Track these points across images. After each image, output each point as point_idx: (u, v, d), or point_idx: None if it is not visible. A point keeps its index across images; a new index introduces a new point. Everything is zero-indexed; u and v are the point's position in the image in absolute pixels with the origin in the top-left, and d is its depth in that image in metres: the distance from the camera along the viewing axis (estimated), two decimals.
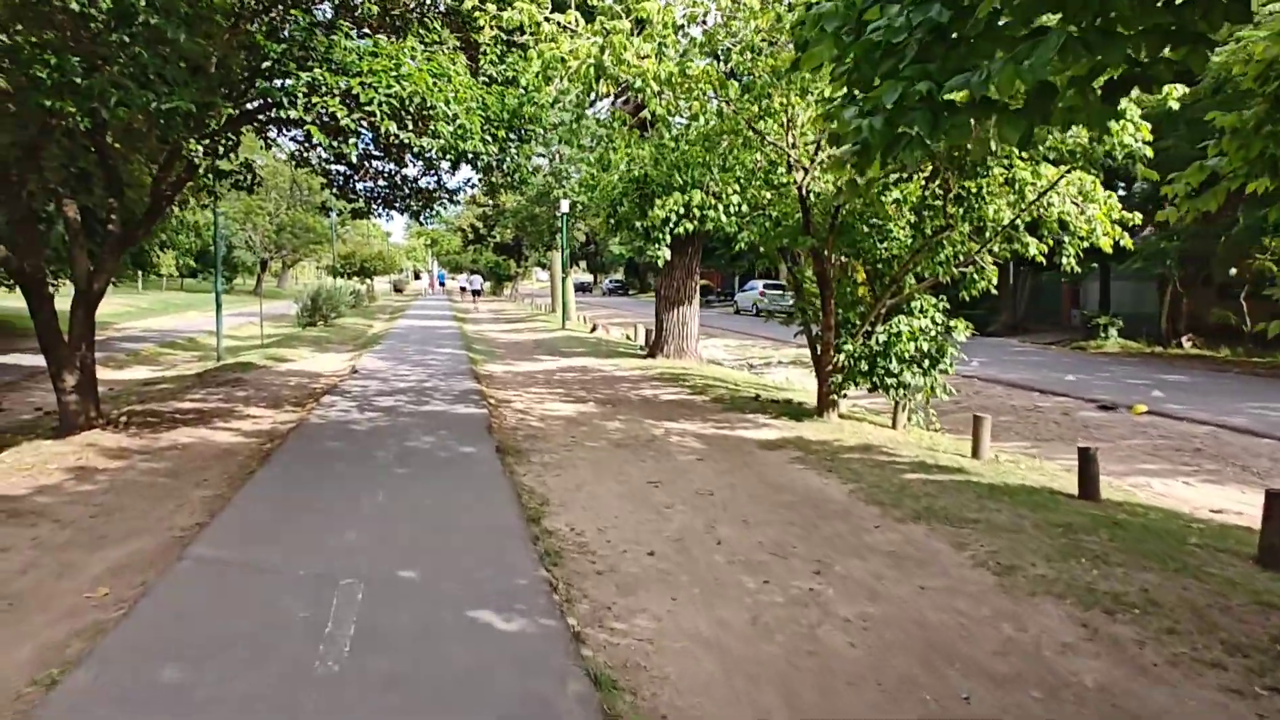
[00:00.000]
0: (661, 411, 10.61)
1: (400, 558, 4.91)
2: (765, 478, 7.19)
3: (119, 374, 17.78)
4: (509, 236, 50.92)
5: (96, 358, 18.91)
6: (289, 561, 4.82)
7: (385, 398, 11.11)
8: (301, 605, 4.20)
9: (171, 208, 21.03)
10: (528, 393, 12.27)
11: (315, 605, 4.20)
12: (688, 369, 15.18)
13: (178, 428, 9.33)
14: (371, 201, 12.75)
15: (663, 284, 16.72)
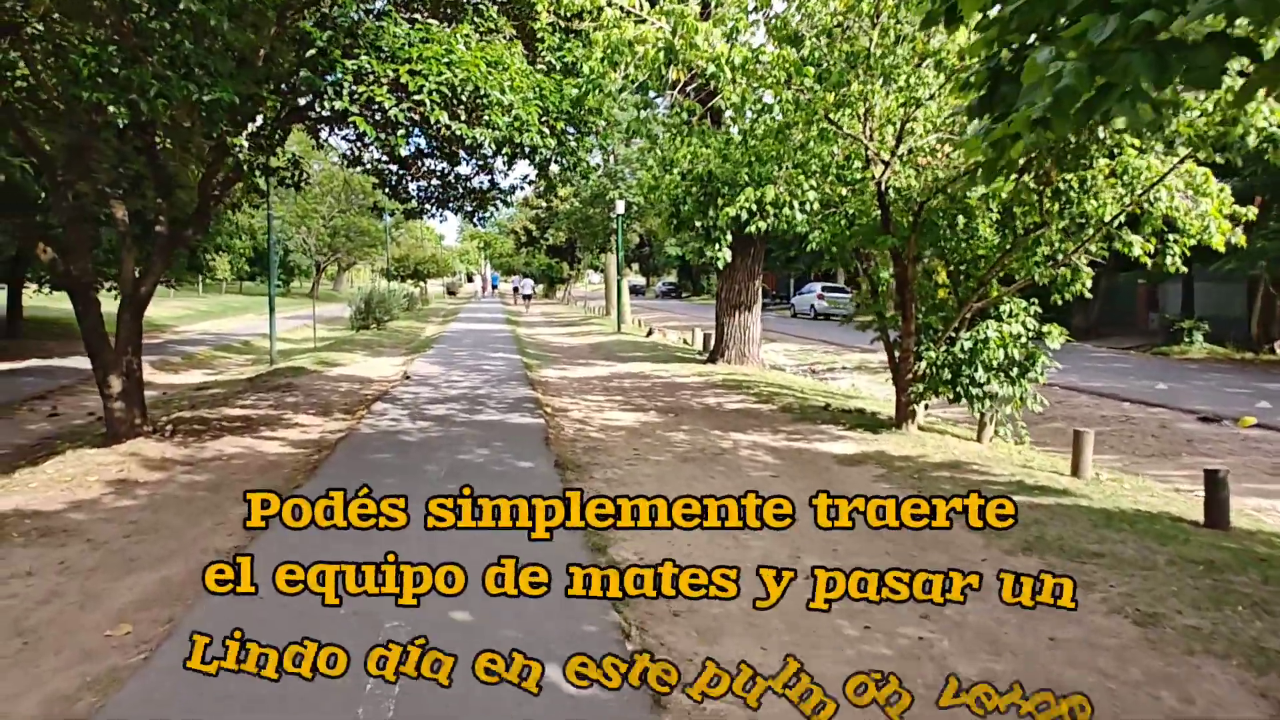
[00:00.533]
0: (728, 421, 9.99)
1: (453, 597, 4.38)
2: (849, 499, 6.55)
3: (173, 378, 17.70)
4: (562, 239, 50.67)
5: (151, 361, 18.83)
6: (330, 598, 4.31)
7: (437, 405, 10.66)
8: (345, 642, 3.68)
9: (224, 210, 21.04)
10: (585, 400, 11.75)
11: (357, 639, 3.68)
12: (750, 375, 14.53)
13: (224, 436, 8.97)
14: (424, 202, 12.36)
15: (723, 287, 16.10)
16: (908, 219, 9.26)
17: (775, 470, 7.48)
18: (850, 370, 18.07)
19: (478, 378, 13.48)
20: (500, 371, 14.51)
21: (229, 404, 11.49)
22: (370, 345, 20.87)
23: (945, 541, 5.49)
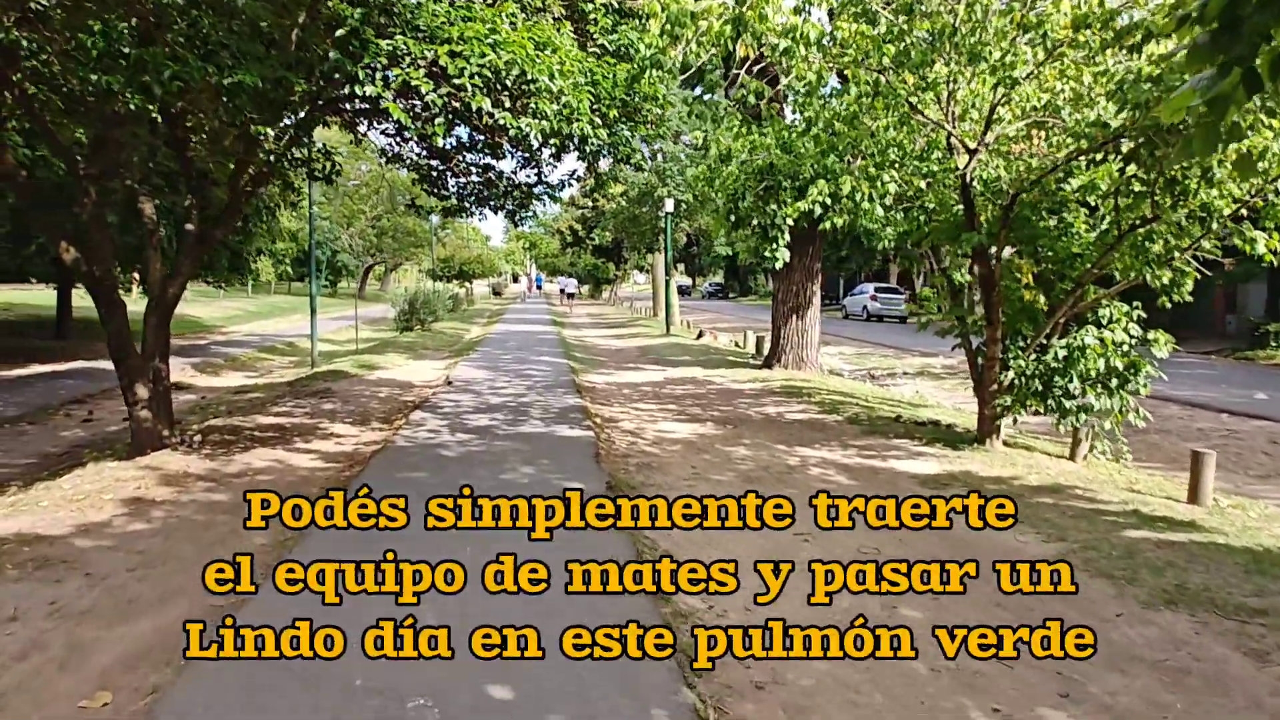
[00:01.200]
0: (792, 435, 9.21)
1: (490, 665, 3.68)
2: (941, 531, 5.74)
3: (214, 380, 17.35)
4: (609, 239, 50.07)
5: (194, 363, 18.51)
6: (348, 662, 3.64)
7: (479, 415, 10.02)
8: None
9: (263, 212, 20.73)
10: (636, 409, 11.04)
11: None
12: (810, 382, 13.70)
13: (254, 448, 8.41)
14: (465, 199, 11.76)
15: (780, 288, 15.28)
16: (996, 214, 8.41)
17: (850, 494, 6.68)
18: (912, 376, 17.13)
19: (522, 384, 12.83)
20: (546, 377, 13.85)
21: (264, 410, 10.97)
22: (413, 348, 20.39)
23: (1069, 596, 4.66)
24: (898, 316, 35.94)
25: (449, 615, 4.13)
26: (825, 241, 35.59)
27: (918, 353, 20.99)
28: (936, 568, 4.92)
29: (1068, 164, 7.67)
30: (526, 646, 3.75)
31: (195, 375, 17.82)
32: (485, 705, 3.29)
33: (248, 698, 3.31)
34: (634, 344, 22.13)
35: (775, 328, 15.37)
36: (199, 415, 11.19)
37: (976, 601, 4.51)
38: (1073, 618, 4.28)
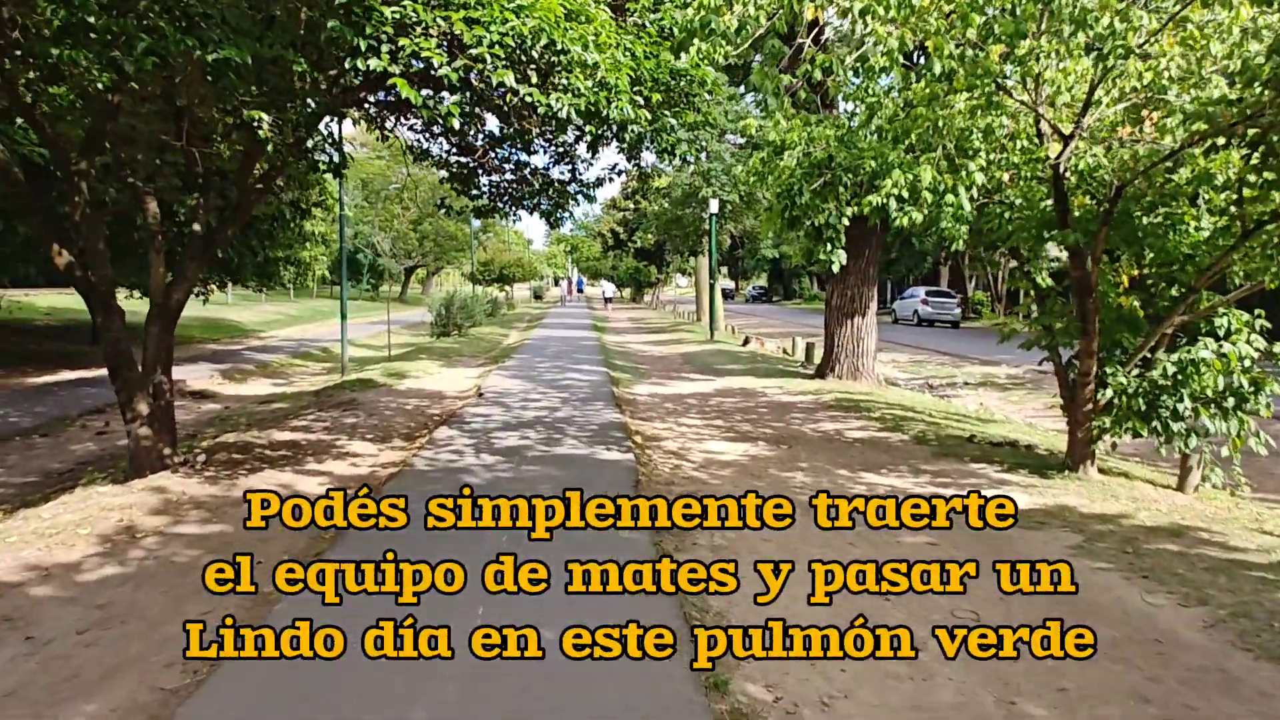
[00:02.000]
0: (854, 457, 8.24)
1: None
2: (1058, 595, 4.75)
3: (239, 388, 16.78)
4: (650, 241, 49.23)
5: (222, 369, 17.94)
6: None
7: (510, 433, 9.18)
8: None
9: (295, 212, 20.16)
10: (681, 425, 10.13)
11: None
12: (867, 394, 12.68)
13: (262, 470, 7.65)
14: (497, 199, 10.96)
15: (834, 292, 14.28)
16: (1091, 209, 7.38)
17: (930, 534, 5.72)
18: (974, 386, 16.00)
19: (558, 396, 11.98)
20: (583, 388, 13.00)
21: (282, 424, 10.26)
22: (447, 355, 19.68)
23: (1227, 678, 3.66)
24: (950, 321, 34.60)
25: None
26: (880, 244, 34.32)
27: (976, 360, 19.81)
28: (1055, 636, 3.95)
29: (1182, 151, 6.61)
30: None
31: (223, 383, 17.27)
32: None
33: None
34: (677, 351, 21.22)
35: (829, 335, 14.36)
36: (217, 428, 10.53)
37: (1127, 701, 3.54)
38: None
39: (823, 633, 4.04)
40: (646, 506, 6.14)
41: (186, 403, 14.75)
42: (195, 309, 34.23)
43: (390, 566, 4.86)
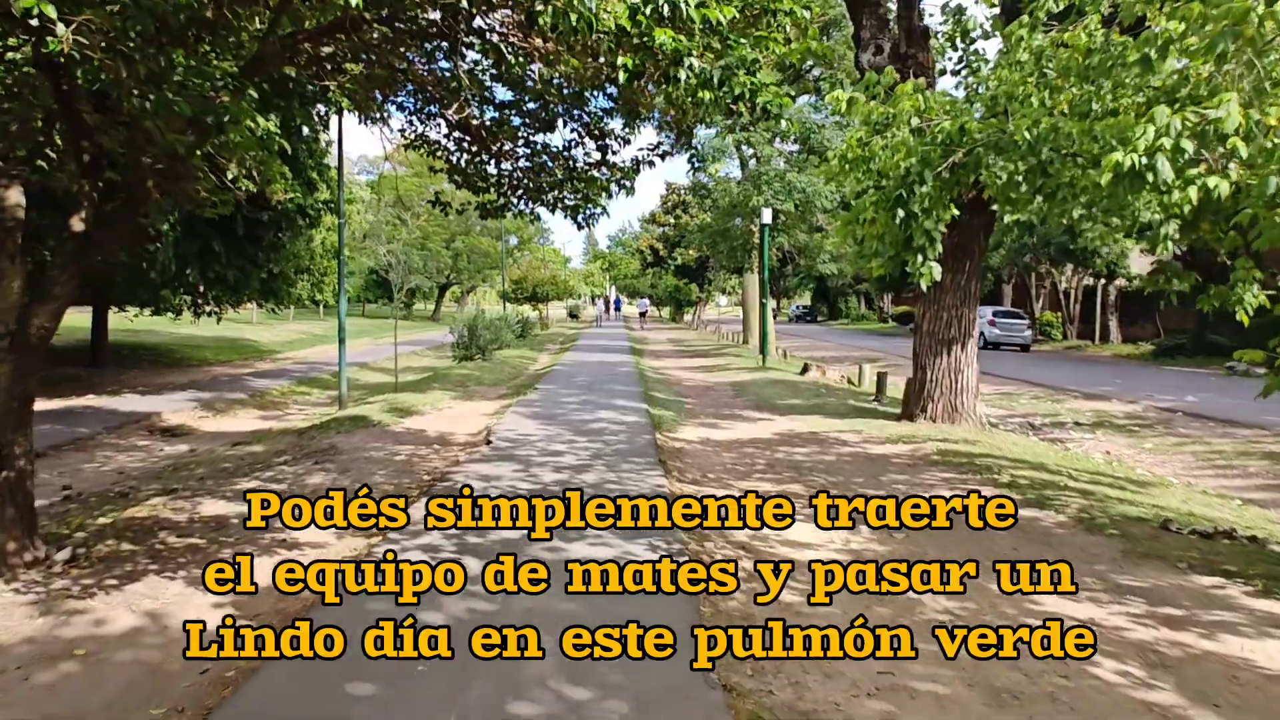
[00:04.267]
0: (1005, 552, 5.64)
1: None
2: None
3: (221, 423, 14.56)
4: (692, 258, 46.85)
5: (213, 399, 15.72)
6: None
7: (515, 512, 6.71)
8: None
9: (302, 218, 17.98)
10: (734, 485, 7.60)
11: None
12: (975, 444, 10.06)
13: (145, 577, 5.26)
14: (510, 192, 8.61)
15: (925, 314, 11.67)
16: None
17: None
18: (1087, 426, 13.25)
19: (585, 446, 9.47)
20: (618, 433, 10.49)
21: (226, 485, 7.94)
22: (465, 383, 17.31)
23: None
24: (1020, 344, 31.68)
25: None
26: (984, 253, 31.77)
27: (1075, 393, 17.00)
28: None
29: None
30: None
31: (205, 417, 15.05)
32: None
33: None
34: (725, 379, 18.66)
35: (918, 366, 11.74)
36: (139, 491, 8.22)
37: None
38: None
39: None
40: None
41: (152, 442, 12.54)
42: (210, 329, 32.43)
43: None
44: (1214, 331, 25.61)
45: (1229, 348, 25.67)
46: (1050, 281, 36.24)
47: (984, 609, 4.69)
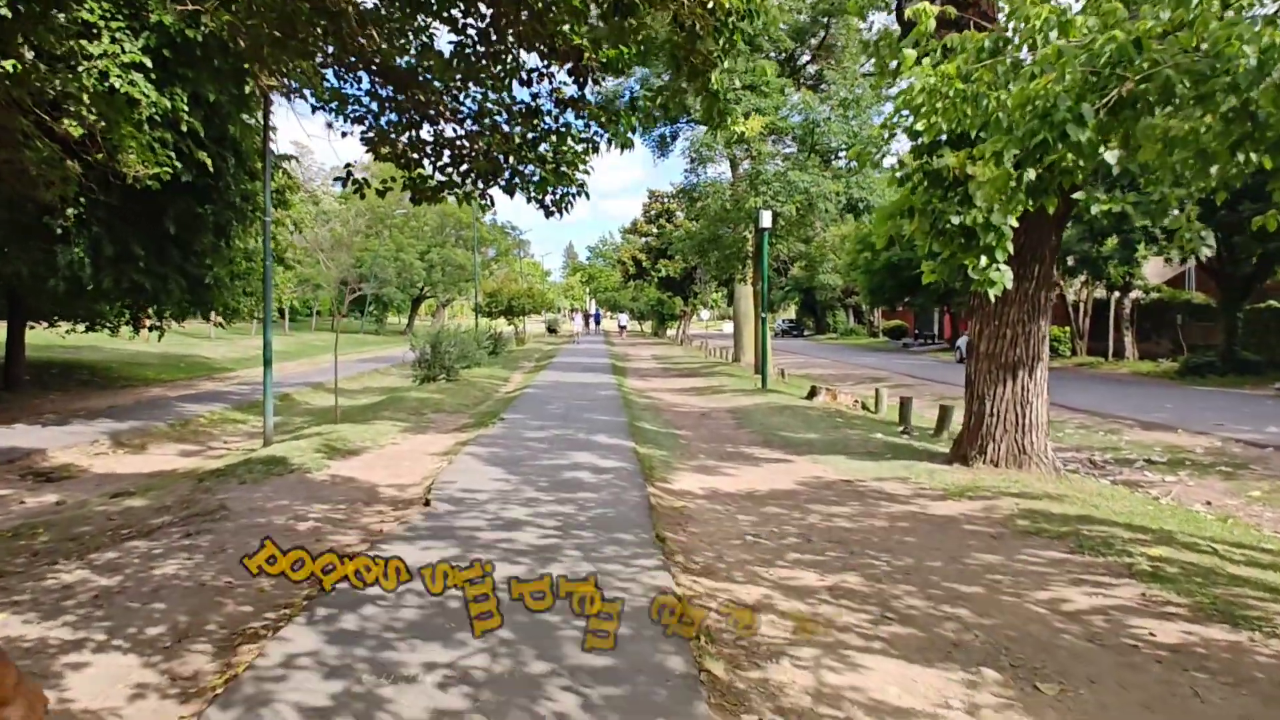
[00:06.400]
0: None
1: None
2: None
3: (123, 462, 12.11)
4: (678, 269, 44.60)
5: (131, 428, 13.25)
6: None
7: (433, 641, 4.34)
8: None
9: (232, 217, 15.55)
10: (776, 584, 5.29)
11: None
12: (1064, 499, 7.78)
13: None
14: (454, 167, 6.32)
15: (983, 331, 9.41)
16: None
17: None
18: (1162, 464, 11.00)
19: (553, 510, 7.05)
20: (598, 487, 8.10)
21: (50, 571, 5.55)
22: (420, 410, 14.89)
23: None
24: None
25: None
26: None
27: (1129, 421, 14.77)
28: None
29: None
30: None
31: (103, 453, 12.55)
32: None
33: None
34: (722, 404, 16.32)
35: (974, 396, 9.45)
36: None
37: None
38: None
39: None
40: None
41: (14, 490, 10.06)
42: (162, 344, 29.62)
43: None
44: (1242, 347, 23.62)
45: (1260, 365, 23.70)
46: (1058, 293, 34.20)
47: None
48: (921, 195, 8.38)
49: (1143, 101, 4.13)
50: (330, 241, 52.96)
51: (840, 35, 22.87)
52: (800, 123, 21.35)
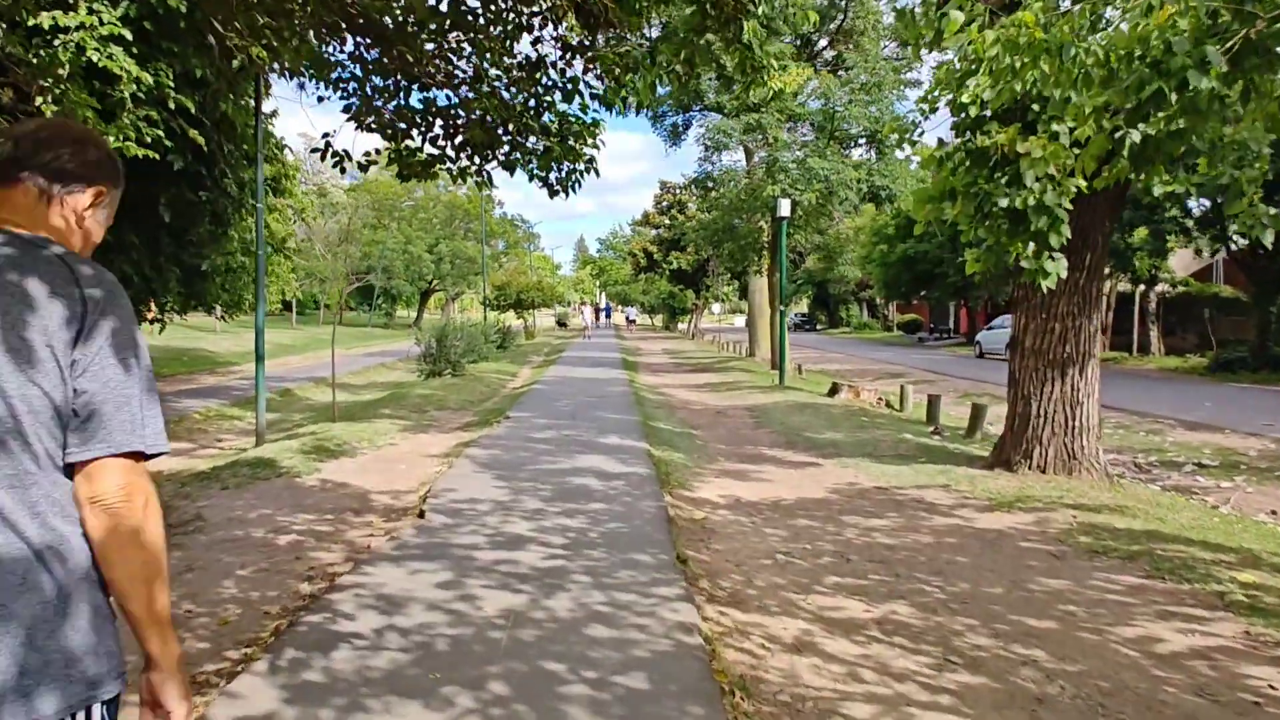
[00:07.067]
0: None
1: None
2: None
3: None
4: (689, 262, 43.82)
5: None
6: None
7: (414, 699, 3.66)
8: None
9: (229, 205, 14.88)
10: (806, 609, 4.59)
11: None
12: (1126, 511, 7.05)
13: None
14: (447, 139, 5.62)
15: (1029, 325, 8.66)
16: None
17: None
18: (1217, 469, 10.24)
19: (559, 524, 6.35)
20: (610, 495, 7.40)
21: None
22: (423, 407, 14.23)
23: None
24: None
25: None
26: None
27: (1172, 421, 13.97)
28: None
29: None
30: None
31: None
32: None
33: None
34: (738, 402, 15.60)
35: (1020, 397, 8.69)
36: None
37: None
38: None
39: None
40: None
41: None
42: (165, 337, 29.05)
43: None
44: (1275, 342, 22.73)
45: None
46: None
47: None
48: (963, 176, 7.67)
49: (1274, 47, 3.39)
50: (339, 234, 52.38)
51: (859, 19, 22.05)
52: (819, 109, 20.58)
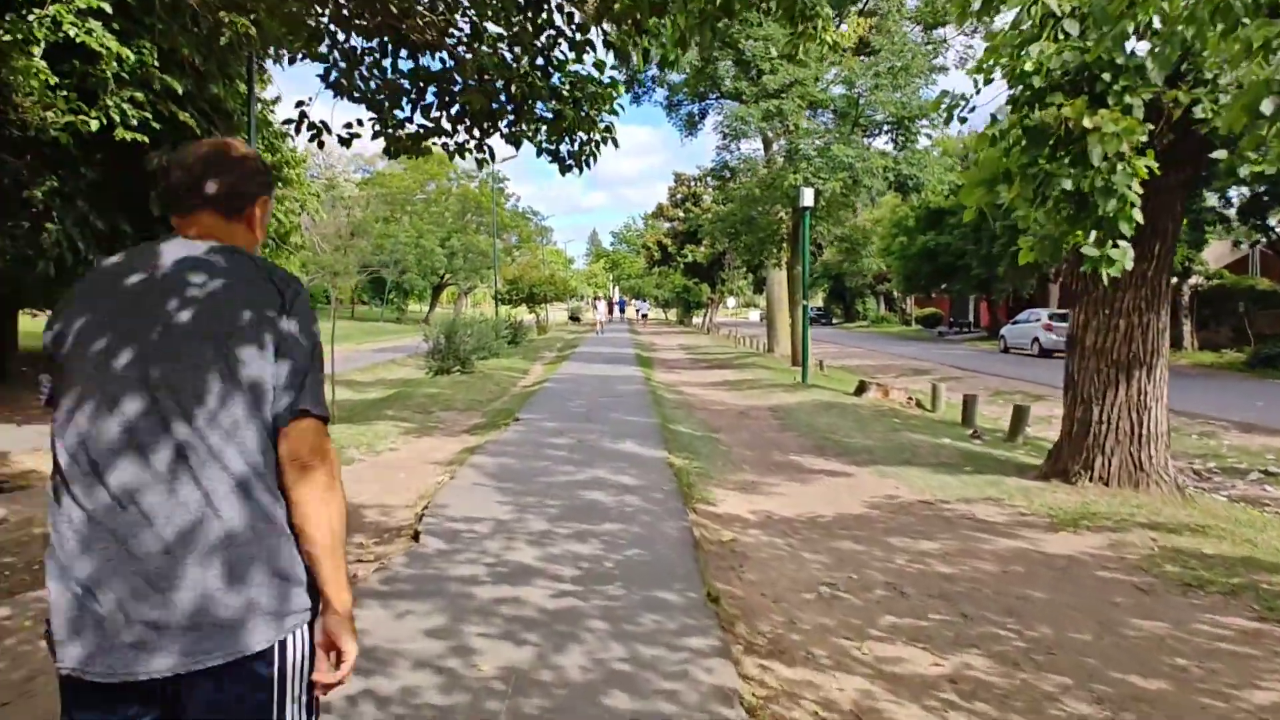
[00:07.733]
0: None
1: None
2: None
3: None
4: (705, 255, 42.98)
5: None
6: None
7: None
8: None
9: None
10: (862, 661, 3.84)
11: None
12: (1210, 530, 6.26)
13: None
14: (442, 110, 4.87)
15: (1089, 322, 7.84)
16: None
17: None
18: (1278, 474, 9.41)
19: (571, 550, 5.63)
20: (627, 514, 6.65)
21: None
22: (427, 408, 13.52)
23: None
24: None
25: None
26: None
27: (1225, 423, 13.12)
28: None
29: None
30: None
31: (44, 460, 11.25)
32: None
33: None
34: (761, 401, 14.83)
35: (1078, 400, 7.88)
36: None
37: None
38: None
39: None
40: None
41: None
42: None
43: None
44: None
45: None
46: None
47: None
48: (1019, 156, 6.89)
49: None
50: (350, 228, 51.81)
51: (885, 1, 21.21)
52: (842, 95, 19.75)
